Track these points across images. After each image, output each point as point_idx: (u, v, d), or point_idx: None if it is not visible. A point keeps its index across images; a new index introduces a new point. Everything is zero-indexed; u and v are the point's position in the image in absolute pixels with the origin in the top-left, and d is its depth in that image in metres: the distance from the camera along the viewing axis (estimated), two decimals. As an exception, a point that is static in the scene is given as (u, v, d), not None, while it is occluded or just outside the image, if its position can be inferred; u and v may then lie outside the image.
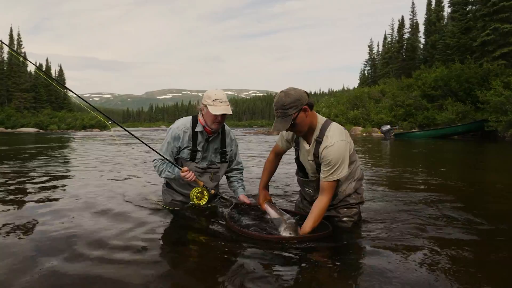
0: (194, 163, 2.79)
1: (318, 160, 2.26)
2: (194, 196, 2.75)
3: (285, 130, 2.20)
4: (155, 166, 2.84)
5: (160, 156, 2.76)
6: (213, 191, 2.83)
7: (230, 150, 2.96)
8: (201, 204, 2.79)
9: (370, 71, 50.14)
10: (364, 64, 51.17)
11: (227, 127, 2.90)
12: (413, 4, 39.49)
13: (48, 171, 5.34)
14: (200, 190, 2.76)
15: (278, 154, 2.67)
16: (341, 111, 29.55)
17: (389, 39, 43.78)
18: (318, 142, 2.23)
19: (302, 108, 2.12)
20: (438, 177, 5.02)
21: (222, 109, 2.57)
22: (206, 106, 2.60)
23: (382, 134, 19.41)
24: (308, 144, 2.33)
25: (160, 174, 2.85)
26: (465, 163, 7.89)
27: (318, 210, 2.20)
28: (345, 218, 2.44)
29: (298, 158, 2.48)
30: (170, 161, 2.74)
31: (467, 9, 27.69)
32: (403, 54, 39.55)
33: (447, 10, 33.33)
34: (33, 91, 55.77)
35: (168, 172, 2.77)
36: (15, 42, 55.37)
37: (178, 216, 2.80)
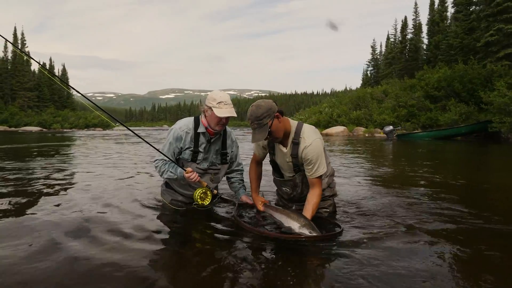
0: (195, 164, 2.81)
1: (296, 160, 2.47)
2: (198, 196, 2.78)
3: (263, 140, 2.35)
4: (157, 166, 2.86)
5: (161, 156, 2.78)
6: (215, 191, 2.87)
7: (231, 152, 2.98)
8: (204, 204, 2.82)
9: (372, 72, 49.93)
10: (366, 64, 50.95)
11: (228, 129, 2.93)
12: (416, 4, 39.35)
13: (61, 168, 5.40)
14: (203, 191, 2.79)
15: (258, 162, 2.83)
16: (343, 112, 29.51)
17: (392, 40, 43.62)
18: (295, 143, 2.43)
19: (275, 115, 2.32)
20: (440, 177, 5.02)
21: (228, 111, 2.61)
22: (210, 108, 2.63)
23: (385, 135, 19.35)
24: (284, 147, 2.52)
25: (161, 175, 2.87)
26: (468, 164, 7.87)
27: (314, 200, 2.39)
28: (321, 210, 2.68)
29: (274, 161, 2.68)
30: (174, 161, 2.76)
31: (471, 9, 27.51)
32: (406, 55, 39.39)
33: (451, 10, 33.17)
34: (36, 90, 56.05)
35: (170, 172, 2.78)
36: (19, 41, 55.62)
37: (181, 215, 2.83)
